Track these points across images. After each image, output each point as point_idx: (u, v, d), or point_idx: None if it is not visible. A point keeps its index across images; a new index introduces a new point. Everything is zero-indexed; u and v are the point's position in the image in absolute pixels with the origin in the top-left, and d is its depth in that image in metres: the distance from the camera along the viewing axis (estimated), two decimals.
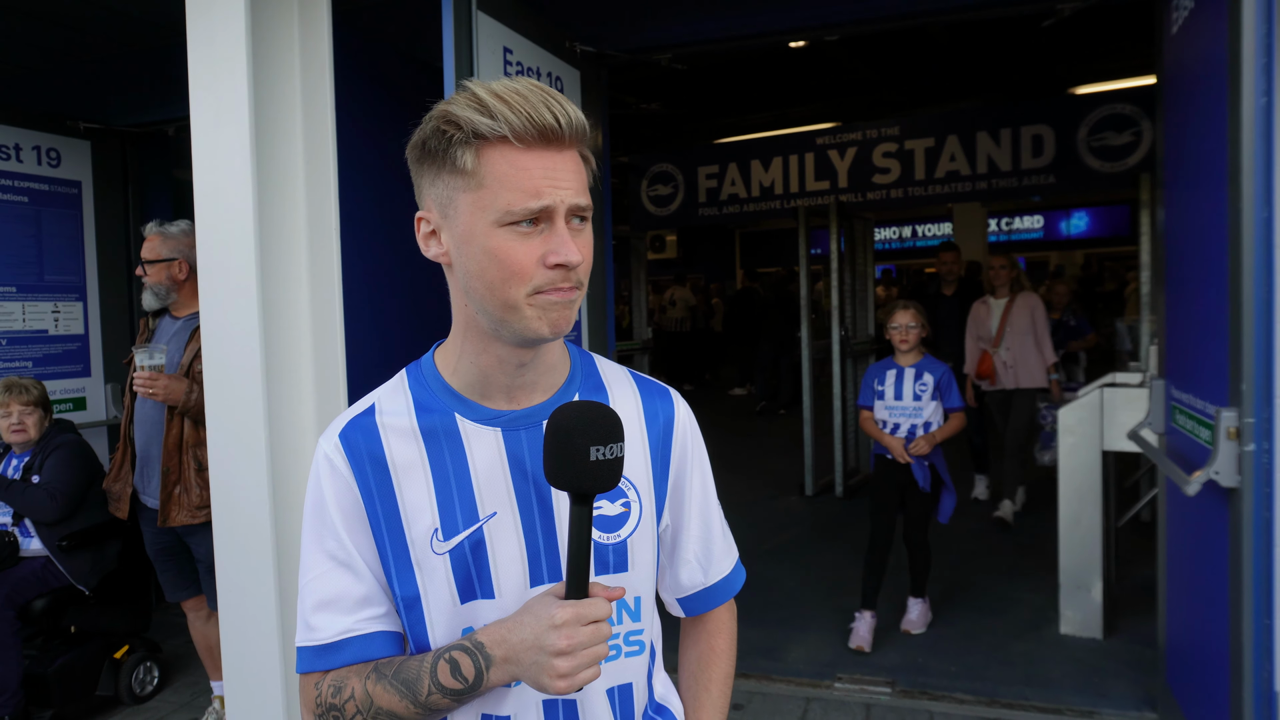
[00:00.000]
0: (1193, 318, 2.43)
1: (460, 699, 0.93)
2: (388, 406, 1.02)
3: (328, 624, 0.98)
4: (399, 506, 0.98)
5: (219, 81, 2.45)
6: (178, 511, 2.89)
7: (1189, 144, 2.45)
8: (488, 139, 0.89)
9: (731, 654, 1.19)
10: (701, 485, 1.13)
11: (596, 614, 0.88)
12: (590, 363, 1.11)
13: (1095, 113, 6.04)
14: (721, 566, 1.16)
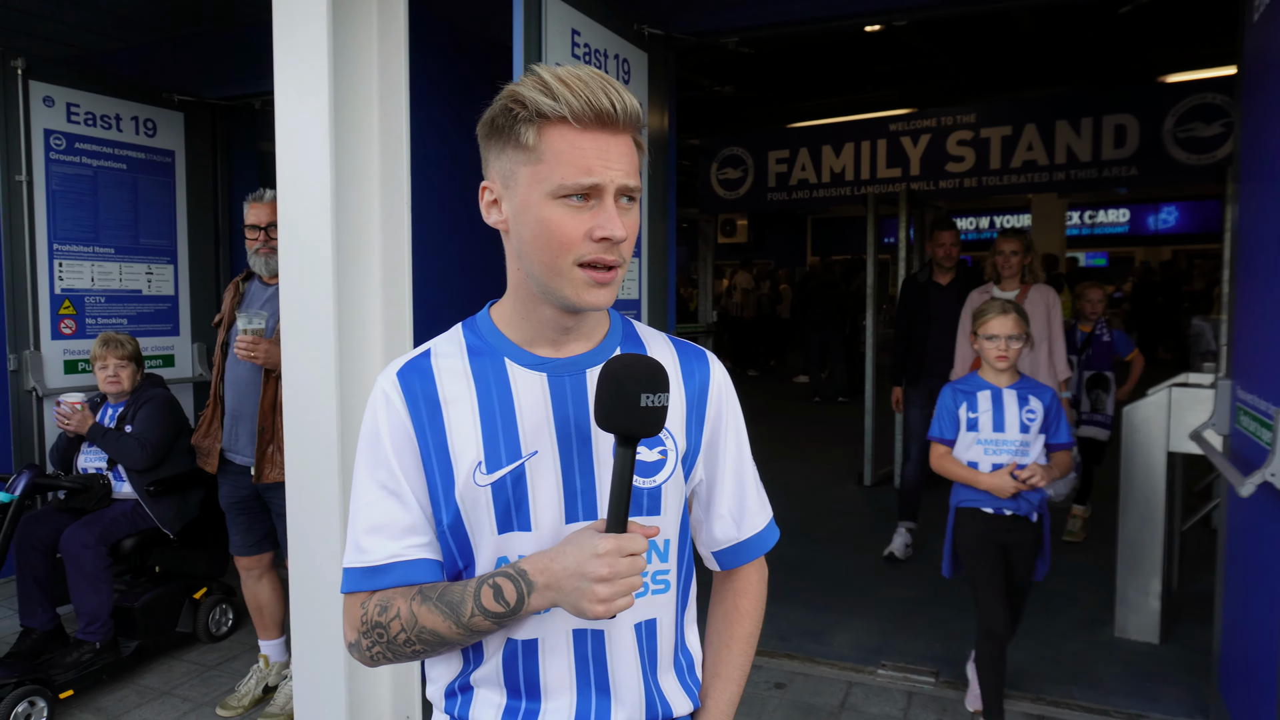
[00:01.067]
0: (1262, 314, 2.37)
1: (501, 621, 1.01)
2: (443, 350, 1.12)
3: (376, 547, 1.06)
4: (448, 440, 1.06)
5: (301, 59, 2.57)
6: (271, 469, 3.05)
7: (1267, 136, 2.38)
8: (549, 118, 0.99)
9: (756, 615, 1.25)
10: (736, 443, 1.20)
11: (635, 547, 0.96)
12: (629, 323, 1.20)
13: (1183, 102, 5.81)
14: (755, 522, 1.23)
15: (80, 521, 3.41)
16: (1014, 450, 2.86)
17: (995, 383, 2.94)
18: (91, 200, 4.15)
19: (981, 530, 2.91)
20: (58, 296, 4.06)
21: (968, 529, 2.95)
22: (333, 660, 2.68)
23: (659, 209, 3.48)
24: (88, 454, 3.59)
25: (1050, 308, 4.26)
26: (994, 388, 2.94)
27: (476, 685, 1.11)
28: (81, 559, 3.32)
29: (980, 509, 2.91)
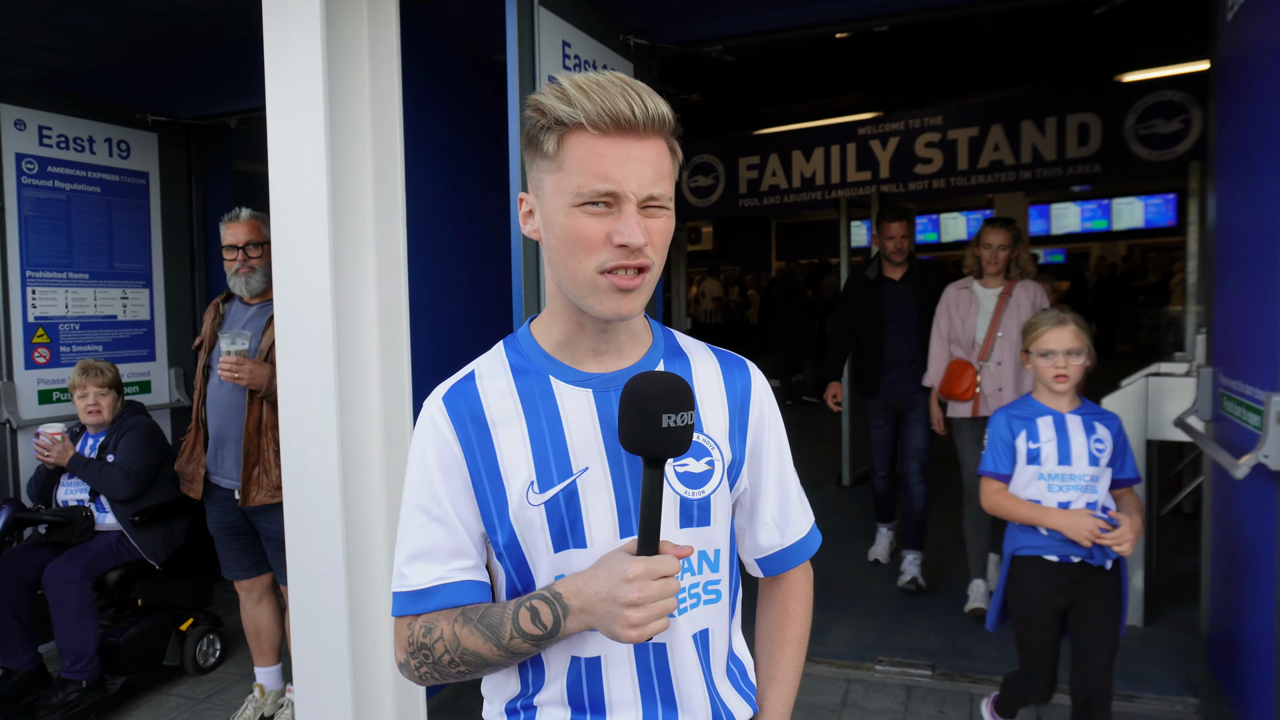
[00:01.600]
0: (1245, 304, 2.44)
1: (539, 644, 1.02)
2: (486, 371, 1.11)
3: (420, 573, 1.07)
4: (498, 461, 1.06)
5: (294, 76, 2.55)
6: (257, 492, 3.01)
7: (1246, 130, 2.46)
8: (568, 126, 0.99)
9: (806, 616, 1.25)
10: (778, 451, 1.20)
11: (666, 569, 0.95)
12: (670, 334, 1.19)
13: (1144, 100, 5.96)
14: (798, 528, 1.23)
15: (63, 556, 3.33)
16: (1082, 486, 2.43)
17: (1056, 407, 2.50)
18: (65, 225, 4.06)
19: (1045, 586, 2.48)
20: (31, 325, 3.96)
21: (1027, 582, 2.52)
22: (336, 688, 2.64)
23: None
24: (68, 486, 3.51)
25: (1038, 307, 3.76)
26: (1056, 413, 2.49)
27: (540, 705, 1.10)
28: (66, 595, 3.24)
29: (1044, 557, 2.47)
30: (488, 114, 3.71)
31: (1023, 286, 3.91)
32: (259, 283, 3.14)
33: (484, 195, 3.69)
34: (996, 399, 3.83)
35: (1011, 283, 3.92)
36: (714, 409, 1.13)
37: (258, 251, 3.12)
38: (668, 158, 1.03)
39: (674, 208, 1.06)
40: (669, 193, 1.02)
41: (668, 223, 1.03)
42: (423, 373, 2.91)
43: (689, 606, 1.10)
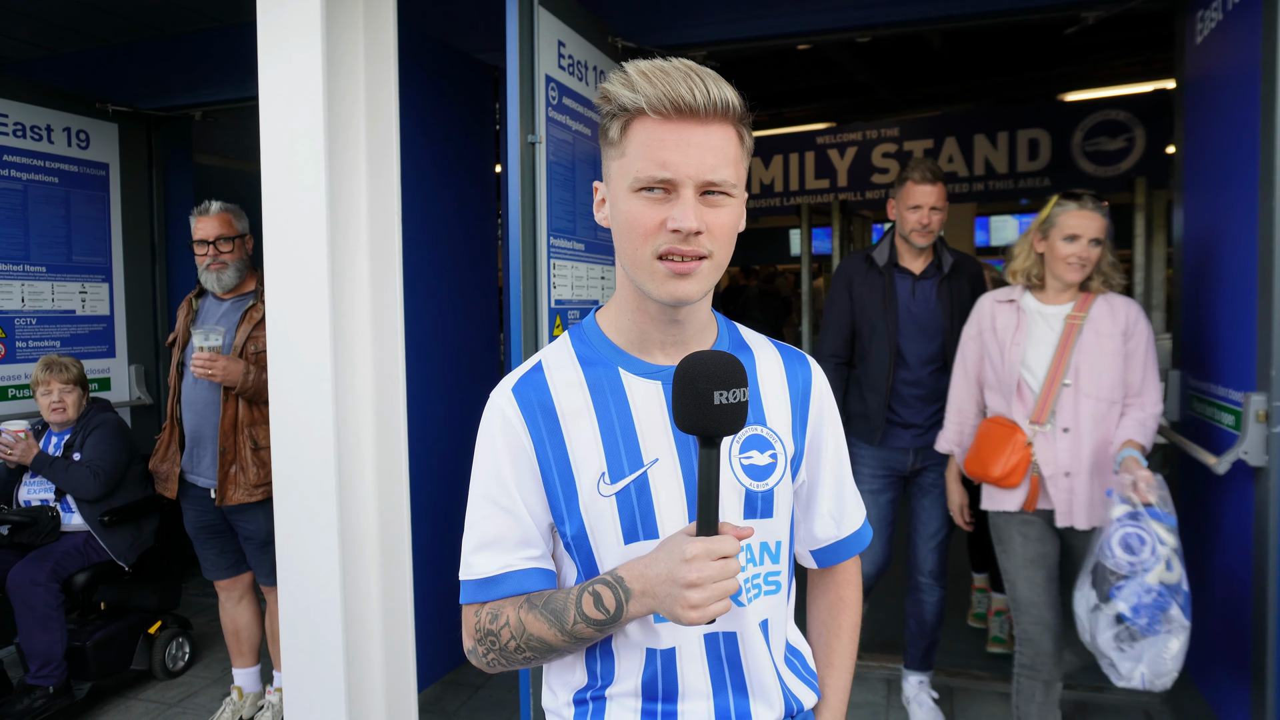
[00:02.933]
0: (1216, 311, 2.58)
1: (603, 629, 1.01)
2: (554, 362, 1.11)
3: (487, 561, 1.08)
4: (568, 452, 1.06)
5: (291, 71, 2.51)
6: (234, 490, 2.94)
7: (1214, 147, 2.60)
8: (631, 112, 0.99)
9: (859, 604, 1.27)
10: (835, 444, 1.21)
11: (725, 550, 0.93)
12: (734, 328, 1.20)
13: (1089, 118, 6.23)
14: (853, 520, 1.24)
15: (28, 558, 3.21)
16: None
17: None
18: (21, 216, 3.90)
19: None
20: None
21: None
22: (329, 688, 2.60)
23: None
24: (30, 485, 3.38)
25: (1140, 338, 2.40)
26: None
27: (612, 696, 1.10)
28: (32, 598, 3.12)
29: None
30: (471, 114, 3.70)
31: (1107, 303, 2.44)
32: (231, 278, 3.09)
33: (469, 195, 3.67)
34: (1063, 488, 2.43)
35: (1089, 297, 2.46)
36: (777, 402, 1.14)
37: (229, 246, 3.06)
38: (734, 144, 1.01)
39: (743, 197, 1.05)
40: (734, 179, 1.00)
41: (732, 213, 1.02)
42: (413, 370, 2.89)
43: (754, 596, 1.10)
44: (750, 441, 1.10)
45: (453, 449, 3.47)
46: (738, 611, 1.08)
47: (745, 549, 1.09)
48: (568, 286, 2.93)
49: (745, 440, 1.10)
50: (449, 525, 3.42)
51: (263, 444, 2.95)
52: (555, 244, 2.83)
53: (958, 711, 3.19)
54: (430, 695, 3.38)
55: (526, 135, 2.66)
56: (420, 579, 2.92)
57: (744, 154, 1.03)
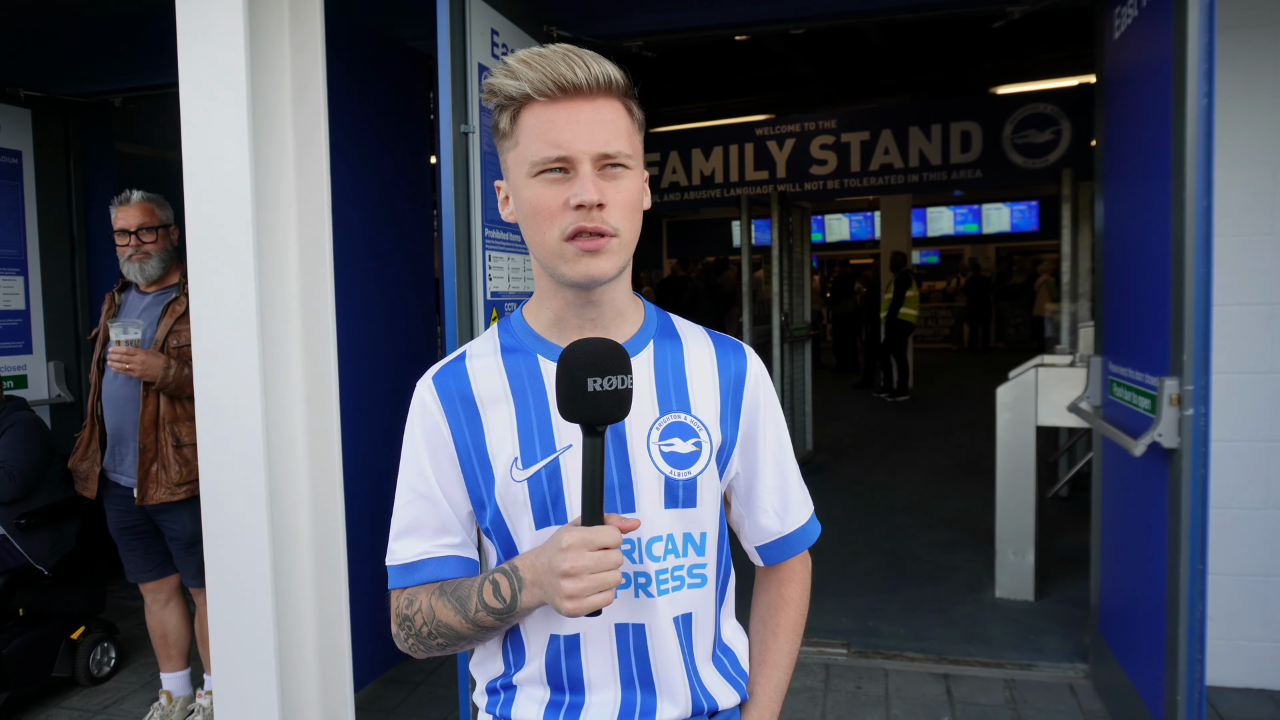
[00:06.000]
0: (1133, 299, 2.67)
1: (502, 618, 1.02)
2: (477, 351, 1.12)
3: (407, 548, 1.10)
4: (486, 439, 1.07)
5: (213, 56, 2.43)
6: (156, 489, 2.85)
7: (1131, 140, 2.69)
8: (517, 100, 0.99)
9: (802, 603, 1.24)
10: (775, 436, 1.19)
11: (602, 540, 0.92)
12: (666, 317, 1.18)
13: (1019, 111, 6.39)
14: (797, 516, 1.22)
15: None
16: None
17: None
18: None
19: None
20: None
21: None
22: (261, 690, 2.54)
23: None
24: None
25: None
26: None
27: (520, 684, 1.11)
28: None
29: None
30: (405, 103, 3.63)
31: None
32: (155, 269, 2.99)
33: (405, 186, 3.61)
34: None
35: None
36: (704, 391, 1.12)
37: (152, 236, 2.96)
38: (624, 118, 1.01)
39: (641, 170, 1.05)
40: (629, 151, 1.00)
41: (632, 185, 1.01)
42: (346, 363, 2.83)
43: (671, 589, 1.08)
44: (672, 429, 1.09)
45: (388, 441, 3.40)
46: (647, 604, 1.06)
47: (668, 539, 1.08)
48: (504, 278, 2.90)
49: (666, 427, 1.08)
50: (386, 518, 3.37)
51: (186, 441, 2.87)
52: (490, 235, 2.80)
53: (893, 693, 3.26)
54: (369, 693, 3.33)
55: (459, 125, 2.62)
56: (356, 574, 2.87)
57: (636, 127, 1.04)
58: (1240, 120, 3.07)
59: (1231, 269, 3.08)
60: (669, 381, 1.10)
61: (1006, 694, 3.22)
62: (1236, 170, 3.07)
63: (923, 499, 5.95)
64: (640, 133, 1.05)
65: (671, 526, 1.08)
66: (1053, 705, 3.13)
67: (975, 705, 3.14)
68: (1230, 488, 3.14)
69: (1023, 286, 15.80)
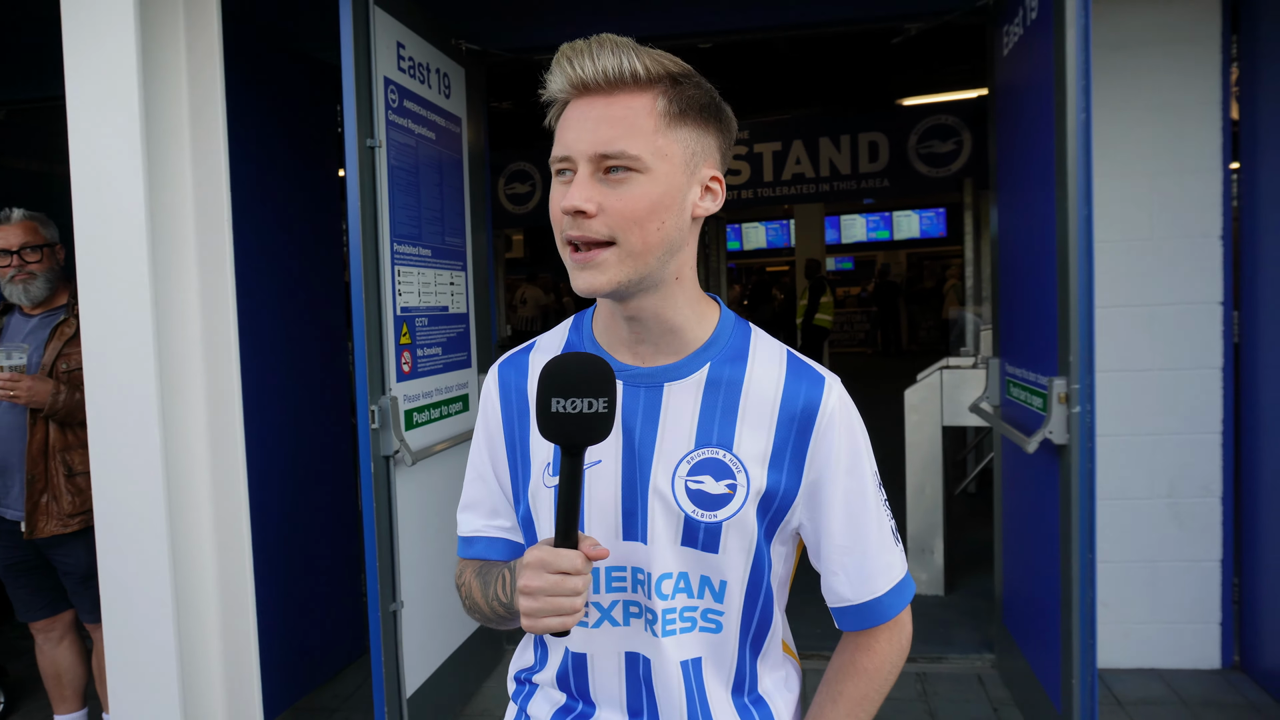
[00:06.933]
0: (1025, 302, 2.80)
1: (509, 612, 1.04)
2: (544, 345, 1.12)
3: (466, 522, 1.16)
4: (530, 437, 1.07)
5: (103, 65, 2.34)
6: (46, 521, 2.71)
7: (1019, 151, 2.82)
8: (555, 99, 0.95)
9: (879, 676, 1.09)
10: (851, 488, 1.03)
11: (560, 564, 0.86)
12: (744, 335, 1.06)
13: (923, 123, 6.62)
14: (876, 584, 1.05)
15: None
16: None
17: None
18: None
19: None
20: None
21: None
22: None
23: (479, 221, 3.48)
24: None
25: None
26: None
27: (540, 684, 1.13)
28: None
29: None
30: (312, 117, 3.56)
31: None
32: (40, 290, 2.85)
33: (312, 200, 3.53)
34: None
35: None
36: (756, 428, 1.00)
37: (36, 256, 2.83)
38: (645, 114, 0.90)
39: (673, 172, 0.93)
40: (637, 151, 0.90)
41: (641, 190, 0.91)
42: (252, 383, 2.76)
43: (680, 630, 1.02)
44: (705, 465, 0.99)
45: (297, 460, 3.33)
46: (652, 641, 1.01)
47: (680, 578, 1.01)
48: (414, 293, 2.87)
49: (699, 463, 0.99)
50: (294, 543, 3.28)
51: (78, 470, 2.74)
52: (399, 250, 2.77)
53: None
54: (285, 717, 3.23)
55: (365, 139, 2.59)
56: (265, 601, 2.78)
57: (665, 123, 0.92)
58: (1120, 132, 3.26)
59: (1114, 273, 3.26)
60: (716, 413, 1.00)
61: (919, 687, 3.32)
62: (1117, 179, 3.25)
63: None
64: (683, 128, 0.93)
65: (686, 566, 1.01)
66: (962, 695, 3.24)
67: (889, 700, 3.23)
68: (1118, 480, 3.32)
69: (933, 291, 16.35)
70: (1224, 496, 3.31)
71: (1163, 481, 3.33)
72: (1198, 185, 3.26)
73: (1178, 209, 3.27)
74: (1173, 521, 3.33)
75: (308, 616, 3.33)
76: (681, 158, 0.93)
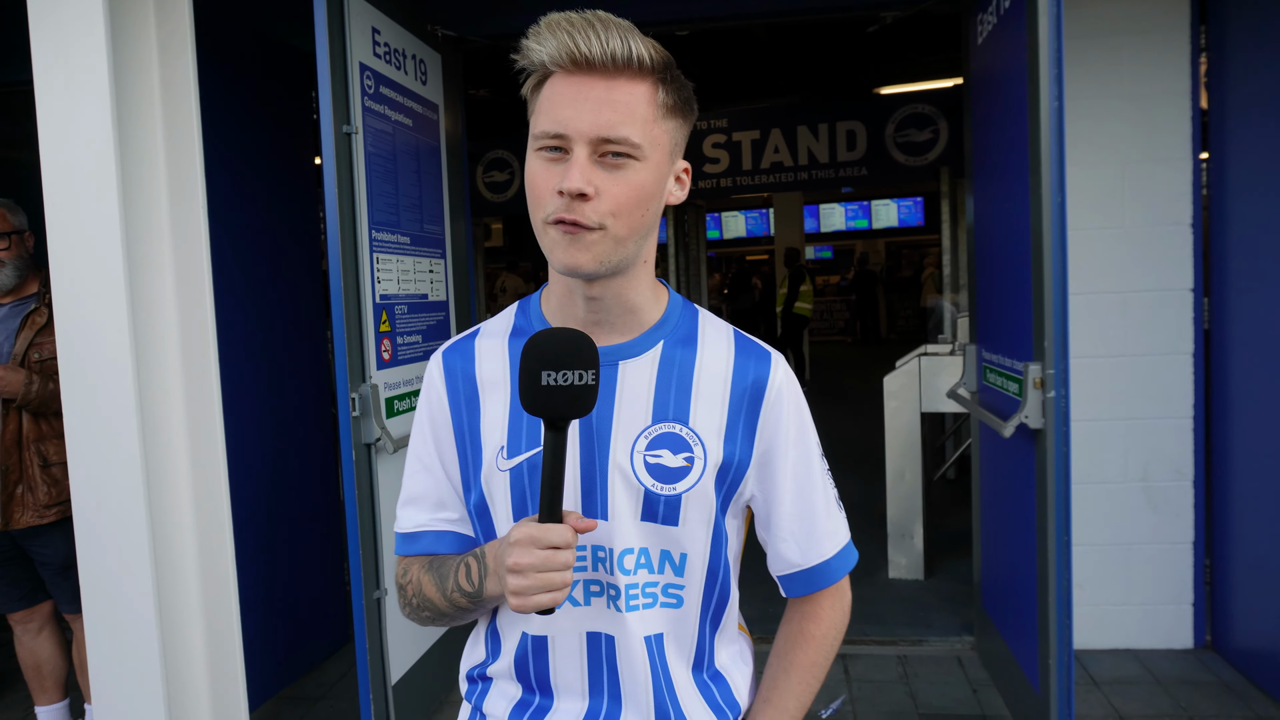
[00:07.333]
0: (1001, 289, 2.83)
1: (474, 601, 1.02)
2: (489, 330, 1.11)
3: (409, 518, 1.12)
4: (480, 422, 1.06)
5: (70, 49, 2.31)
6: (22, 513, 2.69)
7: (994, 140, 2.85)
8: (538, 68, 0.93)
9: (824, 643, 1.14)
10: (800, 457, 1.08)
11: (550, 539, 0.87)
12: (692, 316, 1.10)
13: (899, 111, 6.66)
14: (823, 548, 1.10)
15: None
16: None
17: None
18: None
19: None
20: None
21: None
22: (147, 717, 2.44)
23: (457, 209, 3.47)
24: None
25: None
26: None
27: (494, 677, 1.10)
28: None
29: None
30: (288, 103, 3.53)
31: None
32: (9, 278, 2.82)
33: (289, 188, 3.50)
34: None
35: None
36: (710, 402, 1.03)
37: (4, 243, 2.79)
38: (644, 102, 0.92)
39: (661, 162, 0.95)
40: (638, 139, 0.91)
41: (635, 178, 0.92)
42: (231, 371, 2.74)
43: (642, 605, 1.03)
44: (663, 439, 1.02)
45: (277, 448, 3.31)
46: (615, 616, 1.02)
47: (641, 554, 1.03)
48: (393, 280, 2.86)
49: (656, 438, 1.02)
50: (275, 530, 3.27)
51: (54, 460, 2.71)
52: (377, 237, 2.75)
53: None
54: (264, 713, 3.22)
55: (341, 125, 2.57)
56: (248, 590, 2.78)
57: (660, 113, 0.94)
58: (1092, 121, 3.30)
59: (1088, 260, 3.30)
60: (670, 389, 1.03)
61: (899, 669, 3.37)
62: (1090, 167, 3.29)
63: None
64: (670, 120, 0.95)
65: (646, 541, 1.02)
66: (942, 677, 3.29)
67: (871, 682, 3.27)
68: (1093, 464, 3.37)
69: (911, 279, 16.46)
70: (1195, 480, 3.37)
71: (1136, 465, 3.39)
72: (1169, 174, 3.31)
73: (1149, 197, 3.31)
74: (1146, 505, 3.39)
75: (291, 604, 3.32)
76: (667, 148, 0.96)
